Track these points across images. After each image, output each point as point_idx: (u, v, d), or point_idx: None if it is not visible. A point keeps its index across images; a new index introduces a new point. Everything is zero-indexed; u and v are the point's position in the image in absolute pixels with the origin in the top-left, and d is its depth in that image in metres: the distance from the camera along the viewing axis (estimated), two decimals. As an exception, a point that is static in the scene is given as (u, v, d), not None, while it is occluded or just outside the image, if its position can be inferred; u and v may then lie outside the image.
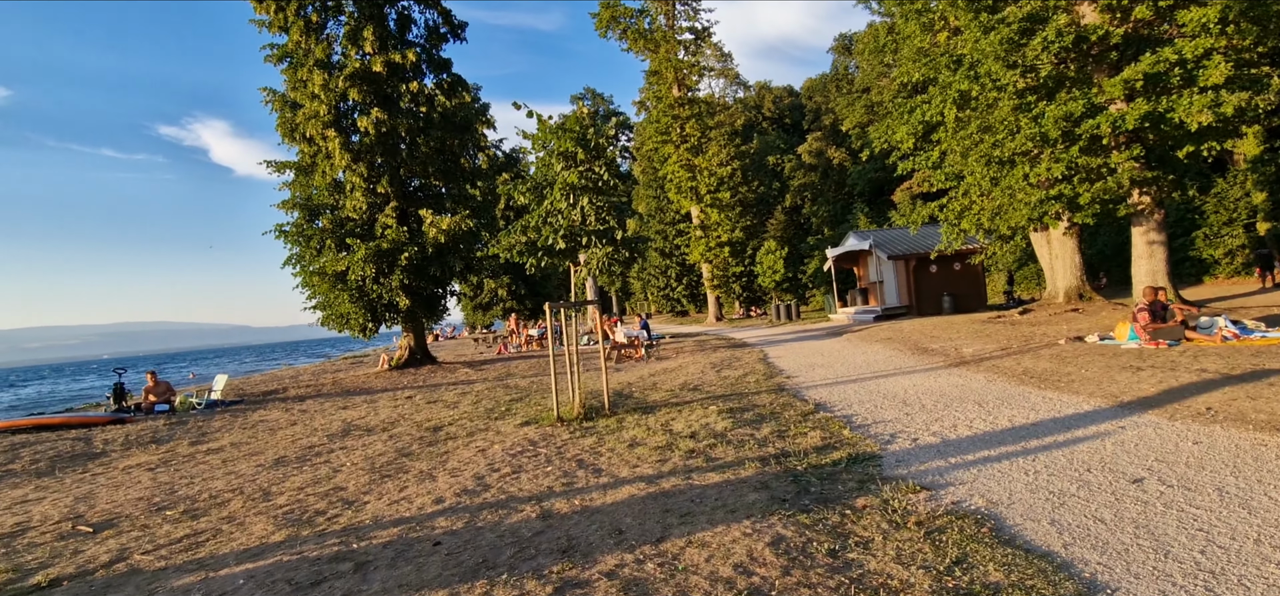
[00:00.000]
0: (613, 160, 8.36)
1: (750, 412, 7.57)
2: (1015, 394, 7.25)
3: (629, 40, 40.59)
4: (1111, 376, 7.53)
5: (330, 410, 11.87)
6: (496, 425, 8.37)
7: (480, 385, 13.86)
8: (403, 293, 17.82)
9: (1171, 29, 11.76)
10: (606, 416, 8.16)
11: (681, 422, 7.26)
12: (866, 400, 7.82)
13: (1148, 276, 13.23)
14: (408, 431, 8.60)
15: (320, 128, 17.62)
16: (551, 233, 7.80)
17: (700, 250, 37.52)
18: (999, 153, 12.62)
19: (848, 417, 6.82)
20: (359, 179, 17.86)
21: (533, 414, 8.96)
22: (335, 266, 17.73)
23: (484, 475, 5.66)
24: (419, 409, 10.89)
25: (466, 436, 7.79)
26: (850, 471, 4.76)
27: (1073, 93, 11.69)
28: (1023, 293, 32.12)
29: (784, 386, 9.71)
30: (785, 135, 64.11)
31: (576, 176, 8.02)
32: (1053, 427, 5.51)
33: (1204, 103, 10.02)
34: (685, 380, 11.35)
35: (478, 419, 9.07)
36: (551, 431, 7.50)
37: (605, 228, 8.18)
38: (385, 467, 6.44)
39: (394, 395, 13.45)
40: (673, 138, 39.13)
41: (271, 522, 4.83)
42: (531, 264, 8.40)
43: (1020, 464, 4.57)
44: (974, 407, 6.71)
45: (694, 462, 5.43)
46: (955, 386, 8.19)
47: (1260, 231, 24.80)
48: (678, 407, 8.39)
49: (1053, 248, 18.60)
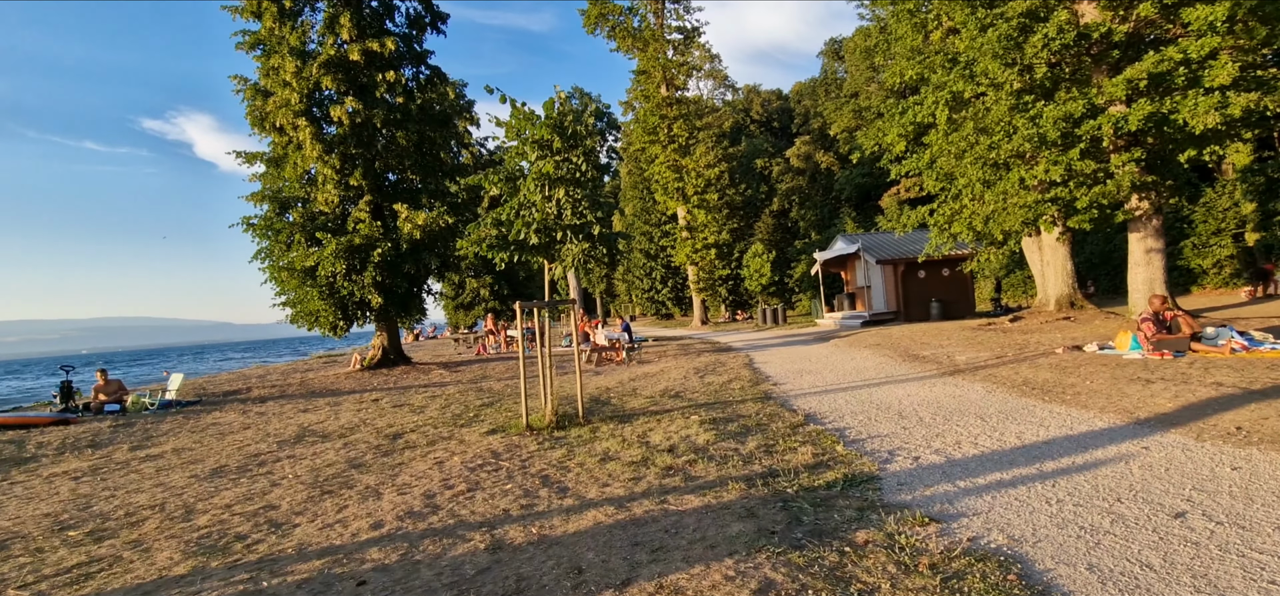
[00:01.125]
0: (592, 150, 7.75)
1: (735, 423, 7.01)
2: (1019, 407, 6.75)
3: (617, 38, 40.02)
4: (1120, 389, 7.06)
5: (290, 412, 11.14)
6: (461, 433, 7.73)
7: (452, 388, 13.19)
8: (375, 290, 17.07)
9: (1175, 28, 11.40)
10: (580, 425, 7.56)
11: (660, 434, 6.67)
12: (859, 411, 7.28)
13: (1145, 285, 12.86)
14: (365, 438, 7.94)
15: (291, 116, 16.86)
16: (523, 226, 7.15)
17: (686, 251, 36.99)
18: (994, 154, 12.19)
19: (840, 431, 6.27)
20: (331, 171, 17.10)
21: (502, 421, 8.33)
22: (304, 262, 16.96)
23: (435, 493, 5.03)
24: (383, 413, 10.21)
25: (427, 445, 7.15)
26: (847, 496, 4.20)
27: (1072, 93, 11.30)
28: (1009, 300, 31.96)
29: (771, 394, 9.16)
30: (773, 138, 63.86)
31: (552, 166, 7.40)
32: (1068, 447, 4.99)
33: (1210, 104, 9.64)
34: (666, 386, 10.77)
35: (442, 426, 8.42)
36: (518, 441, 6.88)
37: (582, 222, 7.56)
38: (329, 481, 5.79)
39: (361, 397, 12.74)
40: (660, 138, 38.60)
41: (180, 550, 4.17)
42: (501, 260, 7.76)
43: (1039, 491, 4.03)
44: (976, 422, 6.19)
45: (671, 482, 4.84)
46: (952, 397, 7.69)
47: (1249, 242, 24.75)
48: (657, 416, 7.80)
49: (1044, 254, 18.26)
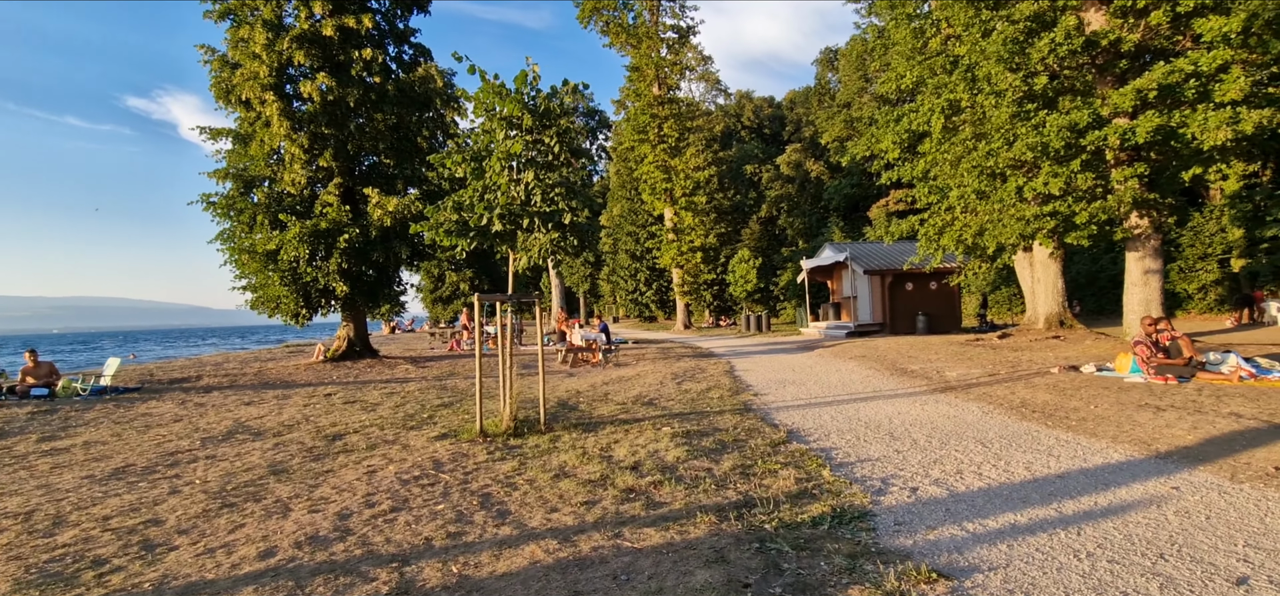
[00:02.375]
0: (566, 131, 7.03)
1: (710, 438, 6.32)
2: (1021, 431, 6.13)
3: (611, 34, 39.36)
4: (1130, 416, 6.47)
5: (232, 405, 10.28)
6: (407, 437, 6.96)
7: (415, 385, 12.39)
8: (340, 278, 16.18)
9: (1184, 41, 10.95)
10: (540, 433, 6.83)
11: (625, 447, 5.96)
12: (847, 429, 6.63)
13: (1141, 306, 12.40)
14: (300, 439, 7.14)
15: (258, 91, 15.94)
16: (484, 210, 6.41)
17: (671, 253, 36.35)
18: (993, 162, 11.66)
19: (826, 452, 5.61)
20: (299, 150, 16.20)
21: (456, 424, 7.57)
22: (267, 245, 16.03)
23: (353, 513, 4.28)
24: (332, 410, 9.40)
25: (366, 450, 6.38)
26: (836, 537, 3.52)
27: (1077, 102, 10.79)
28: (995, 316, 31.68)
29: (751, 406, 8.49)
30: (764, 145, 63.49)
31: (520, 146, 6.67)
32: (1085, 482, 4.36)
33: (1221, 119, 9.16)
34: (640, 392, 10.06)
35: (390, 427, 7.65)
36: (468, 449, 6.14)
37: (552, 210, 6.84)
38: (239, 491, 5.00)
39: (314, 390, 11.89)
40: (650, 137, 37.95)
41: (13, 577, 3.38)
42: (462, 247, 7.01)
43: (1063, 540, 3.38)
44: (976, 447, 5.56)
45: (630, 509, 4.13)
46: (947, 417, 7.06)
47: (1234, 268, 24.60)
48: (626, 426, 7.09)
49: (1035, 271, 17.84)
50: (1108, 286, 29.88)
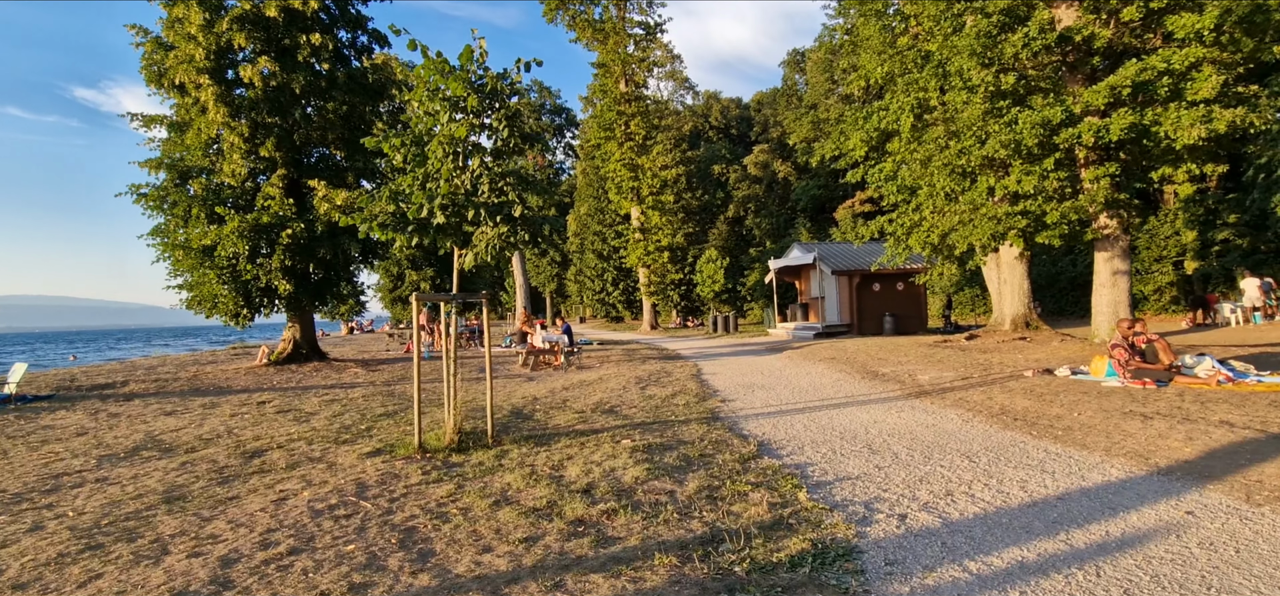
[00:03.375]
0: (516, 114, 6.36)
1: (674, 453, 5.73)
2: (1007, 443, 5.70)
3: (577, 29, 38.61)
4: (1117, 424, 6.11)
5: (150, 416, 9.30)
6: (336, 453, 6.21)
7: (360, 391, 11.53)
8: (284, 276, 15.14)
9: (1155, 40, 10.84)
10: (486, 447, 6.15)
11: (579, 464, 5.33)
12: (822, 440, 6.12)
13: (1109, 307, 12.29)
14: (215, 456, 6.31)
15: (194, 74, 14.81)
16: (423, 199, 5.70)
17: (638, 253, 35.77)
18: (964, 160, 11.38)
19: (801, 469, 5.07)
20: (238, 139, 15.10)
21: (395, 437, 6.84)
22: (202, 240, 14.90)
23: (242, 556, 3.56)
24: (261, 420, 8.53)
25: (284, 470, 5.61)
26: (819, 584, 2.96)
27: (1049, 98, 10.57)
28: (959, 317, 31.94)
29: (718, 413, 7.94)
30: (732, 146, 63.44)
31: (465, 130, 5.97)
32: (1090, 507, 3.90)
33: (1194, 117, 8.99)
34: (602, 398, 9.44)
35: (321, 441, 6.86)
36: (402, 469, 5.43)
37: (502, 200, 6.17)
38: (115, 526, 4.22)
39: (248, 399, 10.94)
40: (616, 134, 37.33)
41: None
42: (401, 243, 6.28)
43: (1082, 582, 2.88)
44: (962, 461, 5.09)
45: (577, 548, 3.51)
46: (926, 426, 6.62)
47: (1188, 270, 25.17)
48: (583, 438, 6.46)
49: (1002, 272, 17.78)
50: (1067, 288, 30.39)
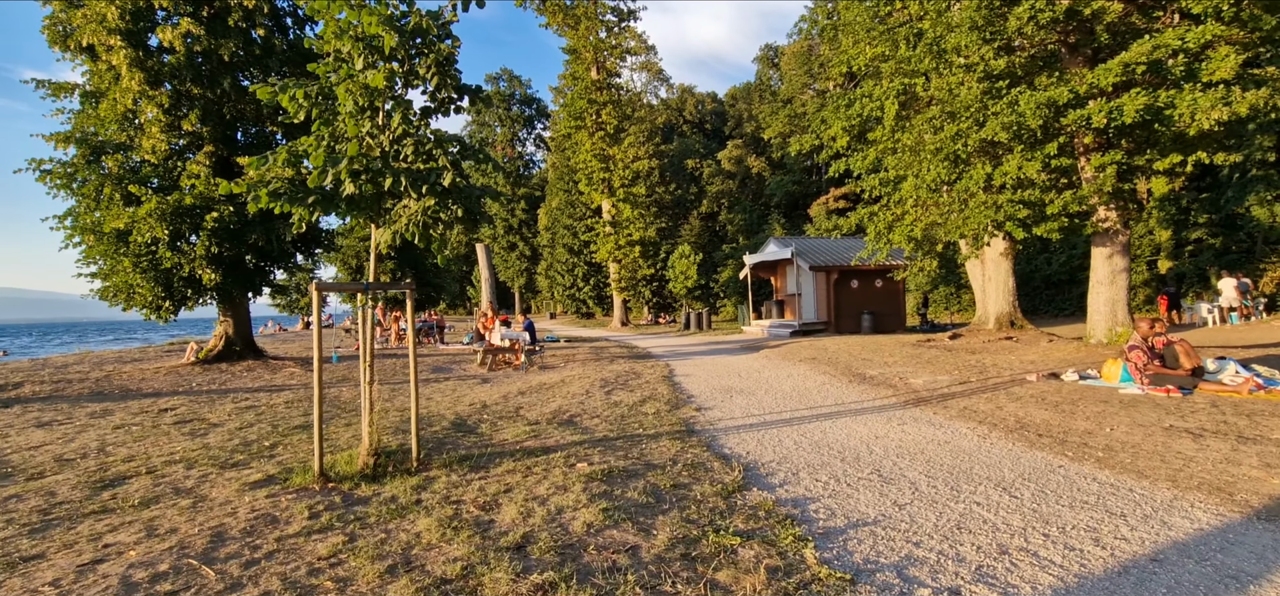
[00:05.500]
0: (449, 60, 5.12)
1: (640, 482, 4.59)
2: (1043, 468, 4.70)
3: (548, 14, 37.19)
4: (1166, 445, 5.16)
5: (18, 426, 7.79)
6: (213, 484, 4.91)
7: (287, 395, 10.14)
8: (209, 264, 13.56)
9: (1166, 18, 10.08)
10: (408, 473, 4.93)
11: (518, 501, 4.15)
12: (819, 463, 5.04)
13: (1107, 306, 11.54)
14: (57, 487, 4.96)
15: (104, 35, 13.13)
16: (324, 161, 4.42)
17: (608, 247, 34.54)
18: (960, 145, 10.47)
19: (801, 508, 3.98)
20: (158, 110, 13.48)
21: (302, 457, 5.56)
22: (115, 223, 13.24)
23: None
24: (147, 434, 7.13)
25: (134, 509, 4.30)
26: None
27: (1054, 78, 9.73)
28: (934, 315, 31.50)
29: (693, 425, 6.83)
30: (706, 140, 62.56)
31: (382, 78, 4.72)
32: (1203, 575, 2.88)
33: (1214, 98, 8.21)
34: (561, 405, 8.25)
35: (204, 465, 5.54)
36: (287, 506, 4.18)
37: (428, 167, 4.92)
38: None
39: (152, 404, 9.47)
40: (587, 124, 36.02)
41: None
42: (299, 217, 4.99)
43: None
44: (1000, 496, 4.06)
45: (489, 658, 2.34)
46: (938, 444, 5.60)
47: (1161, 269, 25.01)
48: (530, 460, 5.28)
49: (986, 269, 17.09)
50: (1041, 287, 30.16)
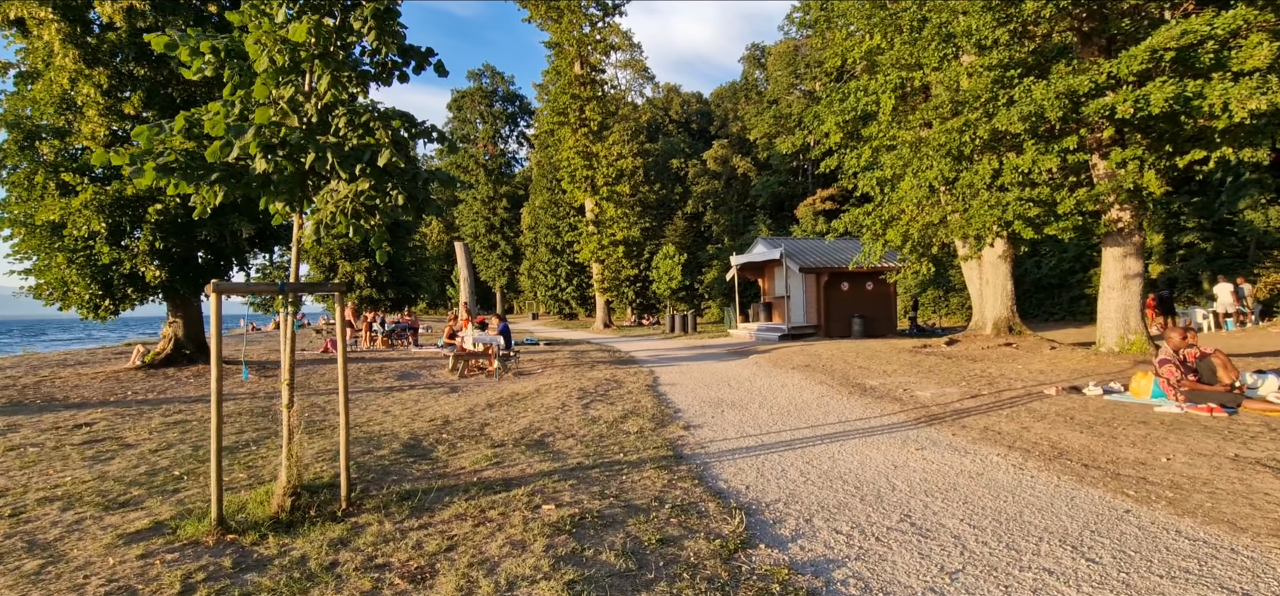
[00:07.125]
0: (387, 11, 4.16)
1: (617, 535, 3.69)
2: (1107, 515, 3.87)
3: (530, 7, 36.15)
4: (1244, 481, 4.36)
5: (-104, 447, 6.70)
6: (82, 536, 3.92)
7: (227, 408, 9.08)
8: (152, 260, 12.42)
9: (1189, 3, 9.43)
10: (332, 518, 3.98)
11: (460, 571, 3.22)
12: (836, 506, 4.17)
13: (1119, 312, 10.87)
14: (-117, 536, 3.94)
15: (34, 7, 11.95)
16: (225, 131, 3.42)
17: (591, 247, 33.58)
18: (967, 137, 9.73)
19: (825, 578, 3.10)
20: (95, 91, 12.31)
21: (205, 498, 4.58)
22: (47, 214, 12.07)
23: None
24: (41, 459, 6.07)
25: (-39, 574, 3.32)
26: None
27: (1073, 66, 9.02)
28: (923, 318, 30.95)
29: (681, 449, 5.93)
30: (692, 140, 61.80)
31: (304, 32, 3.76)
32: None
33: (1249, 88, 7.52)
34: (532, 421, 7.31)
35: (86, 503, 4.54)
36: (158, 575, 3.22)
37: (360, 142, 3.97)
38: None
39: (74, 416, 8.37)
40: (570, 120, 35.03)
41: None
42: (199, 202, 4.00)
43: None
44: (1073, 560, 3.22)
45: None
46: (969, 476, 4.76)
47: (1153, 274, 24.64)
48: (486, 501, 4.35)
49: (984, 273, 16.42)
50: (1031, 291, 29.74)
